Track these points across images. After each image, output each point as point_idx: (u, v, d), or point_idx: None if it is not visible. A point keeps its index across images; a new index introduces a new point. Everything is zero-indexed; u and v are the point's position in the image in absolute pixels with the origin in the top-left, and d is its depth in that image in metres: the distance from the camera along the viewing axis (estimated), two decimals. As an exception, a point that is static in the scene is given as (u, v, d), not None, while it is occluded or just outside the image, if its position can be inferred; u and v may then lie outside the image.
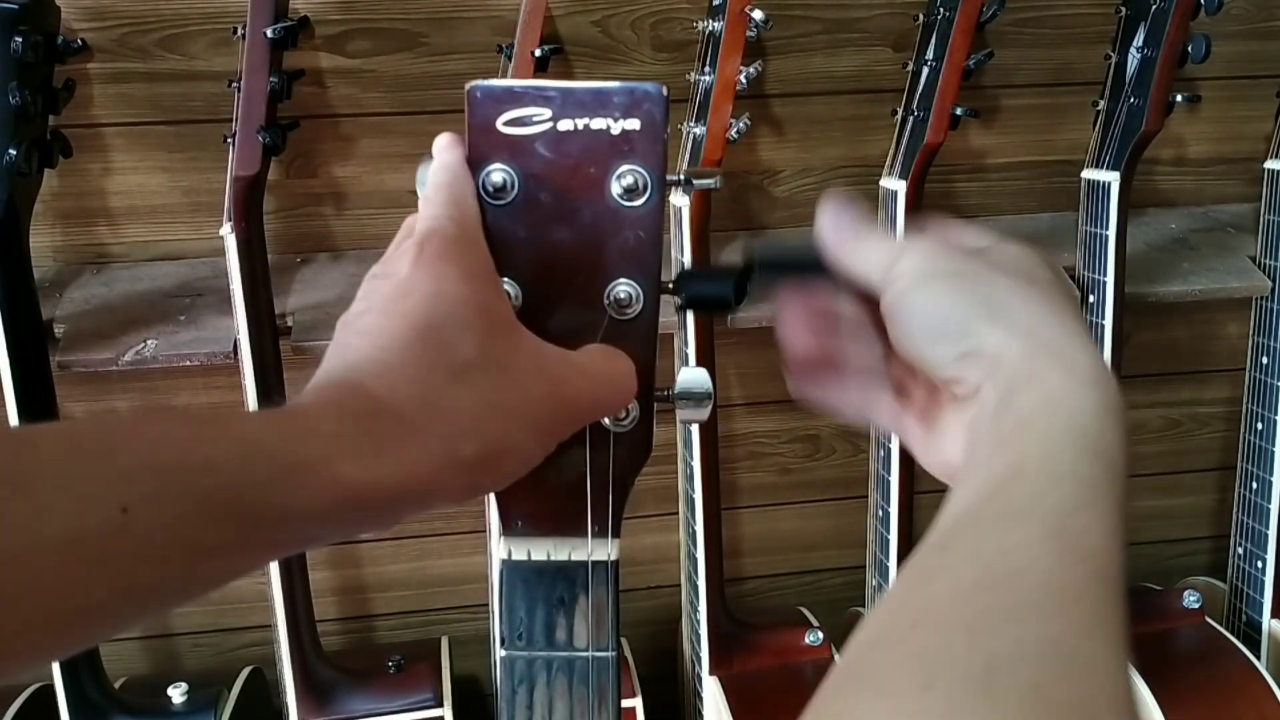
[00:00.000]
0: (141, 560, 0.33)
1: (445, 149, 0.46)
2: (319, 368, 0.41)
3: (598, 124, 0.45)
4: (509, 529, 0.47)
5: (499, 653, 0.47)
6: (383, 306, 0.42)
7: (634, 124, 0.45)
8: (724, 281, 0.49)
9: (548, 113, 0.45)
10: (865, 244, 0.48)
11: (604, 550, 0.47)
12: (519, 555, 0.47)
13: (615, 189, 0.46)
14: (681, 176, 0.48)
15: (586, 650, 0.47)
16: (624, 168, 0.46)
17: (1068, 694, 0.32)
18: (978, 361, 0.43)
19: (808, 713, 0.33)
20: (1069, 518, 0.38)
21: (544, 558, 0.47)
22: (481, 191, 0.46)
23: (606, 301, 0.46)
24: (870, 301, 0.48)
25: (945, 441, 0.46)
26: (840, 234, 0.48)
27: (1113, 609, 0.35)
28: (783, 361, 0.50)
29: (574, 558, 0.47)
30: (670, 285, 0.48)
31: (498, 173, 0.46)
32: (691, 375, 0.48)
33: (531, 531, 0.47)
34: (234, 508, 0.35)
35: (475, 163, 0.46)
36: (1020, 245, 0.47)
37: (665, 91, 0.46)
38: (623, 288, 0.46)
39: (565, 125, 0.45)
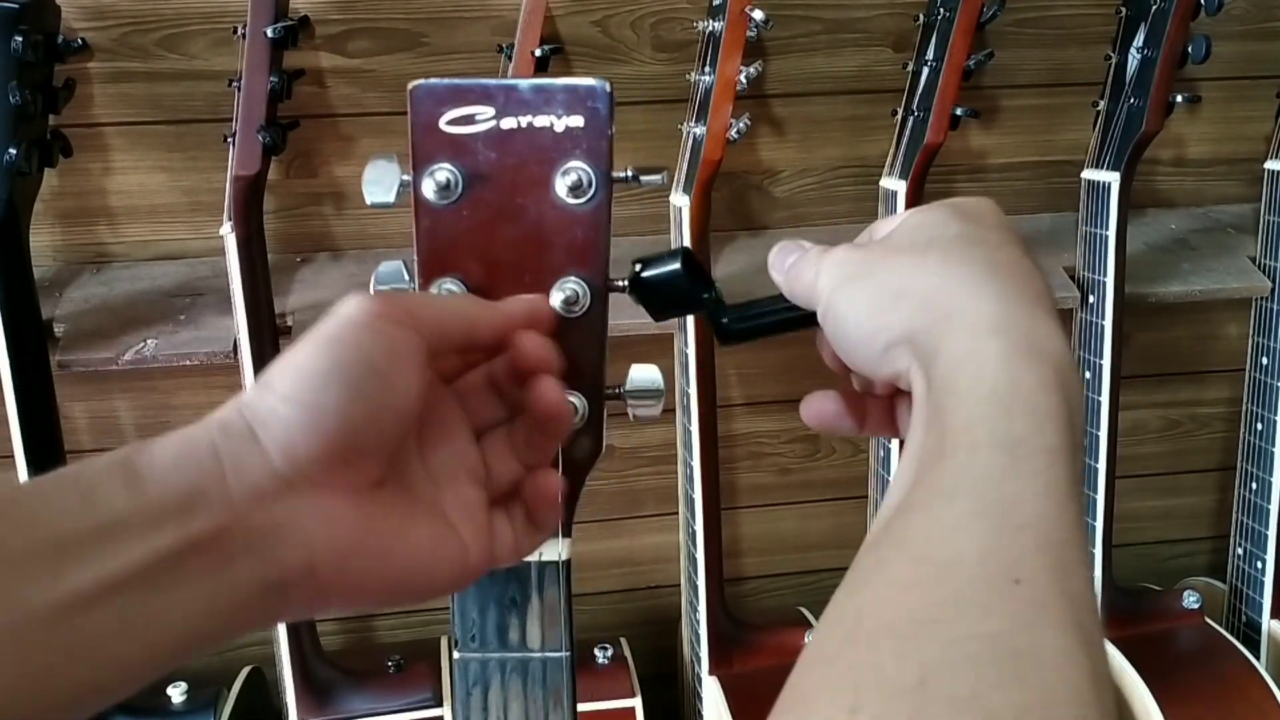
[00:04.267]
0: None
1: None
2: None
3: (541, 121, 0.45)
4: None
5: (454, 655, 0.47)
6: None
7: (577, 121, 0.45)
8: (672, 259, 0.48)
9: (491, 111, 0.45)
10: (793, 270, 0.46)
11: (554, 550, 0.47)
12: None
13: (560, 187, 0.45)
14: (630, 173, 0.47)
15: (540, 651, 0.47)
16: (568, 165, 0.45)
17: (1013, 698, 0.29)
18: (899, 351, 0.41)
19: None
20: (998, 487, 0.34)
21: None
22: (426, 191, 0.45)
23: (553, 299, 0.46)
24: None
25: None
26: (782, 270, 0.47)
27: (1061, 586, 0.32)
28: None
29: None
30: (621, 283, 0.47)
31: (441, 172, 0.45)
32: (642, 372, 0.48)
33: None
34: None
35: (419, 162, 0.45)
36: (930, 209, 0.45)
37: (609, 88, 0.45)
38: (570, 285, 0.46)
39: (508, 123, 0.45)
